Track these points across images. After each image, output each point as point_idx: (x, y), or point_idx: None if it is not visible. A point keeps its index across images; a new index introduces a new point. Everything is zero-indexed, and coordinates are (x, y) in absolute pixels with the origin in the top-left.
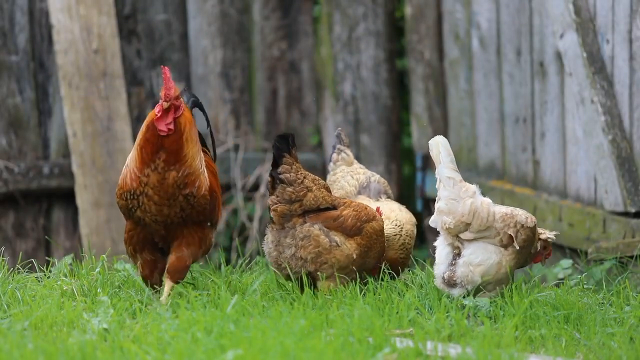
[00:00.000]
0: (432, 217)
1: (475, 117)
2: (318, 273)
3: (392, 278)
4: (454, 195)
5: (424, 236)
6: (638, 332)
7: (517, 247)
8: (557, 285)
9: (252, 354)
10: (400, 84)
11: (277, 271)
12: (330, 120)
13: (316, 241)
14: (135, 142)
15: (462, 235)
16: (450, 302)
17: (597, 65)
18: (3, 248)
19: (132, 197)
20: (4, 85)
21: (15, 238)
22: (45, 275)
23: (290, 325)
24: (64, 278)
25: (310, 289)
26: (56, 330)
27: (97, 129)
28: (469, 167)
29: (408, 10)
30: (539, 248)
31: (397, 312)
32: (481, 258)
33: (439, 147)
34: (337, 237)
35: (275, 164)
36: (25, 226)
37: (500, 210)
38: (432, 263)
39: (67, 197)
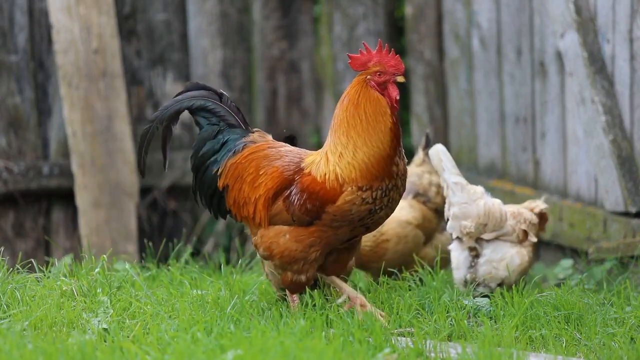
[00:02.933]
0: (449, 223)
1: (476, 116)
2: None
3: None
4: (465, 199)
5: None
6: (639, 333)
7: (535, 240)
8: (558, 285)
9: (252, 354)
10: (400, 84)
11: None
12: (330, 120)
13: None
14: (372, 127)
15: (483, 236)
16: (450, 302)
17: (598, 65)
18: (3, 248)
19: (383, 193)
20: (3, 85)
21: (14, 238)
22: (44, 275)
23: (290, 325)
24: (63, 278)
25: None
26: (56, 330)
27: (97, 128)
28: (469, 167)
29: (408, 10)
30: (536, 221)
31: (397, 313)
32: (502, 253)
33: (440, 155)
34: None
35: None
36: (24, 226)
37: (508, 209)
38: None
39: (66, 197)
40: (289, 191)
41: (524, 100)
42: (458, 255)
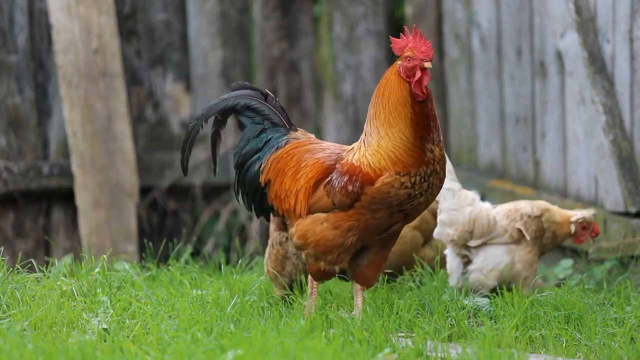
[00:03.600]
0: (436, 229)
1: (476, 117)
2: None
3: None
4: (454, 205)
5: None
6: (639, 333)
7: (529, 238)
8: (558, 285)
9: (252, 354)
10: None
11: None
12: (330, 120)
13: None
14: (393, 117)
15: (469, 243)
16: (450, 302)
17: (598, 65)
18: (3, 248)
19: (422, 179)
20: (3, 85)
21: (14, 238)
22: (44, 275)
23: (290, 326)
24: (63, 278)
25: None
26: (56, 330)
27: (97, 128)
28: (469, 167)
29: (408, 9)
30: (573, 231)
31: (397, 313)
32: (493, 263)
33: None
34: None
35: None
36: (24, 226)
37: (503, 207)
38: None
39: (66, 197)
40: (329, 177)
41: (524, 100)
42: (451, 261)
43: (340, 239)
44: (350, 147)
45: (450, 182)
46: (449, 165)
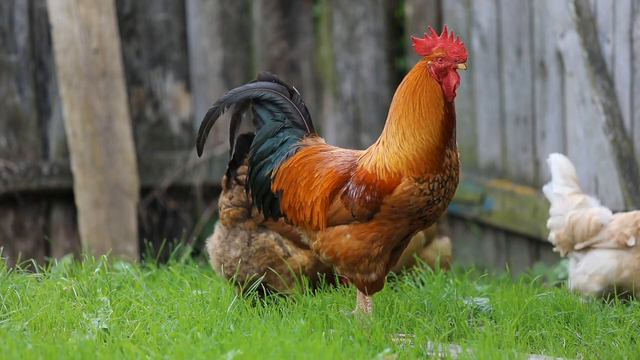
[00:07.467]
0: (550, 234)
1: (476, 116)
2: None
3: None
4: (560, 210)
5: None
6: (639, 333)
7: (632, 243)
8: (558, 285)
9: (252, 354)
10: None
11: (217, 270)
12: (330, 120)
13: (271, 252)
14: (424, 118)
15: (575, 247)
16: (450, 302)
17: (598, 65)
18: (2, 248)
19: (440, 185)
20: (3, 85)
21: (14, 238)
22: (44, 275)
23: (290, 326)
24: (63, 278)
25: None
26: (56, 330)
27: (96, 128)
28: (469, 167)
29: (408, 9)
30: None
31: (397, 312)
32: (596, 268)
33: (553, 165)
34: (289, 247)
35: (235, 164)
36: (24, 226)
37: (623, 214)
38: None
39: (66, 197)
40: (346, 187)
41: (524, 100)
42: (570, 264)
43: (366, 249)
44: (366, 150)
45: (561, 186)
46: (564, 171)
